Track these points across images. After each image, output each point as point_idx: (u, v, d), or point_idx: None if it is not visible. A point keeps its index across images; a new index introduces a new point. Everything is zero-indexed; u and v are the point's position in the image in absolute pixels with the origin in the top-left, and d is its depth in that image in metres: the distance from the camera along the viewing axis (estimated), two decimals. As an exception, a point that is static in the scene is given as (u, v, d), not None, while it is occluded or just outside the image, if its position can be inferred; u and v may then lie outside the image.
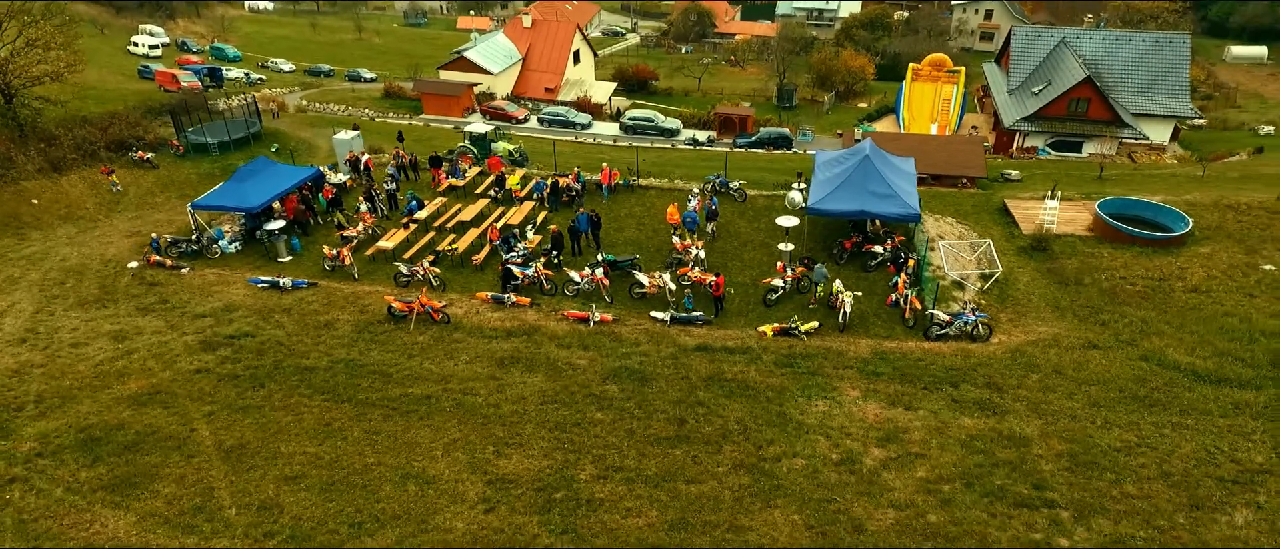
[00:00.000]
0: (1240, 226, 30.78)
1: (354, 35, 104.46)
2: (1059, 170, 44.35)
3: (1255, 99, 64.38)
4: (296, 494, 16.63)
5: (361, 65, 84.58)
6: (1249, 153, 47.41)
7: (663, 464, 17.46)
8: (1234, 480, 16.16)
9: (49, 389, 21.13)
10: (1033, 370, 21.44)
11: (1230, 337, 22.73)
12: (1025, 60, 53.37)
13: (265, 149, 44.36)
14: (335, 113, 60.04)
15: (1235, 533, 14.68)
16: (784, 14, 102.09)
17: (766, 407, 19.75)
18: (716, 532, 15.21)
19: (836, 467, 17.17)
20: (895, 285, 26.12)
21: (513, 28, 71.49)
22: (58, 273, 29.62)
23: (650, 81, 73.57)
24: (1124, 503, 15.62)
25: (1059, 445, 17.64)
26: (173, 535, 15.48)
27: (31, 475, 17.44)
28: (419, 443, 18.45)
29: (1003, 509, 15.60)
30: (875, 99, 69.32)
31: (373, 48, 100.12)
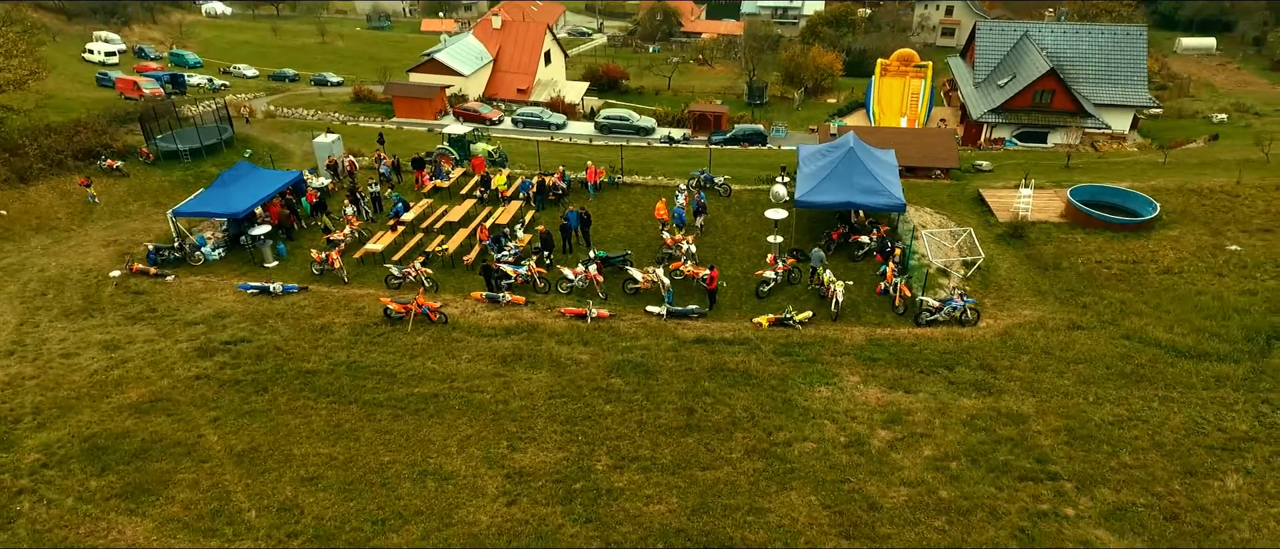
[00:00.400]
0: (1204, 210, 31.99)
1: (317, 40, 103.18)
2: (1027, 160, 45.58)
3: (1207, 88, 66.68)
4: (315, 495, 16.66)
5: (326, 69, 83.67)
6: (1205, 140, 49.16)
7: (676, 452, 17.80)
8: (1222, 448, 16.97)
9: (45, 400, 20.81)
10: (1022, 352, 22.18)
11: (1205, 314, 23.70)
12: (990, 54, 54.71)
13: (238, 155, 43.83)
14: (304, 118, 59.43)
15: (1228, 496, 15.44)
16: (749, 12, 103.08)
17: (771, 394, 20.19)
18: (737, 514, 15.59)
19: (846, 449, 17.67)
20: (884, 274, 26.76)
21: (482, 29, 71.29)
22: (37, 284, 29.06)
23: (621, 81, 73.89)
24: (1122, 473, 16.33)
25: (1056, 421, 18.34)
26: (194, 539, 15.43)
27: (39, 486, 17.22)
28: (432, 440, 18.56)
29: (1009, 483, 16.21)
30: (843, 95, 70.45)
31: (336, 52, 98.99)
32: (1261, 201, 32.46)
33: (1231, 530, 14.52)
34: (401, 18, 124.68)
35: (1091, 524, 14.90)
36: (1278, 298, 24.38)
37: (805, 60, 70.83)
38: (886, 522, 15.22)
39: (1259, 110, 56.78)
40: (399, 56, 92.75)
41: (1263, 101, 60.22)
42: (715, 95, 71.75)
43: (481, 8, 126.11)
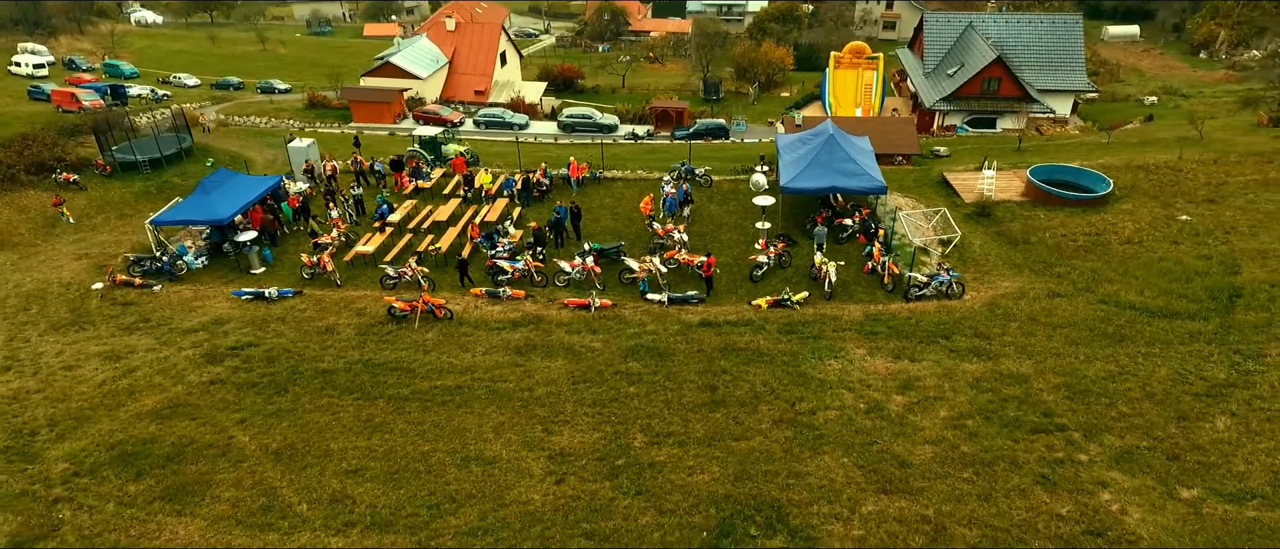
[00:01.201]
0: (1152, 185, 34.17)
1: (257, 47, 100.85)
2: (980, 145, 47.68)
3: (1135, 73, 70.42)
4: (362, 485, 16.93)
5: (271, 76, 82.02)
6: (1141, 121, 52.09)
7: (707, 426, 18.58)
8: (1207, 395, 18.53)
9: (58, 412, 20.50)
10: (1010, 319, 23.60)
11: (1170, 278, 25.52)
12: (938, 44, 56.93)
13: (198, 165, 43.16)
14: (258, 126, 58.42)
15: (1219, 436, 16.93)
16: (694, 10, 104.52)
17: (786, 369, 21.13)
18: (778, 479, 16.44)
19: (866, 414, 18.69)
20: (870, 254, 27.98)
21: (436, 32, 70.90)
22: (16, 299, 28.34)
23: (577, 80, 74.35)
24: (1123, 421, 17.71)
25: (1054, 379, 19.70)
26: (250, 535, 15.58)
27: (75, 494, 17.08)
28: (467, 429, 18.96)
29: (1022, 436, 17.44)
30: (795, 88, 72.23)
31: (279, 59, 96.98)
32: (1203, 175, 34.79)
33: (1228, 465, 15.97)
34: (341, 22, 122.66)
35: (1104, 467, 16.20)
36: (1231, 261, 26.35)
37: (757, 56, 72.35)
38: (918, 476, 16.26)
39: (1185, 92, 60.34)
40: (345, 62, 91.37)
41: (1187, 84, 63.97)
42: (670, 92, 72.78)
43: (424, 10, 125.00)
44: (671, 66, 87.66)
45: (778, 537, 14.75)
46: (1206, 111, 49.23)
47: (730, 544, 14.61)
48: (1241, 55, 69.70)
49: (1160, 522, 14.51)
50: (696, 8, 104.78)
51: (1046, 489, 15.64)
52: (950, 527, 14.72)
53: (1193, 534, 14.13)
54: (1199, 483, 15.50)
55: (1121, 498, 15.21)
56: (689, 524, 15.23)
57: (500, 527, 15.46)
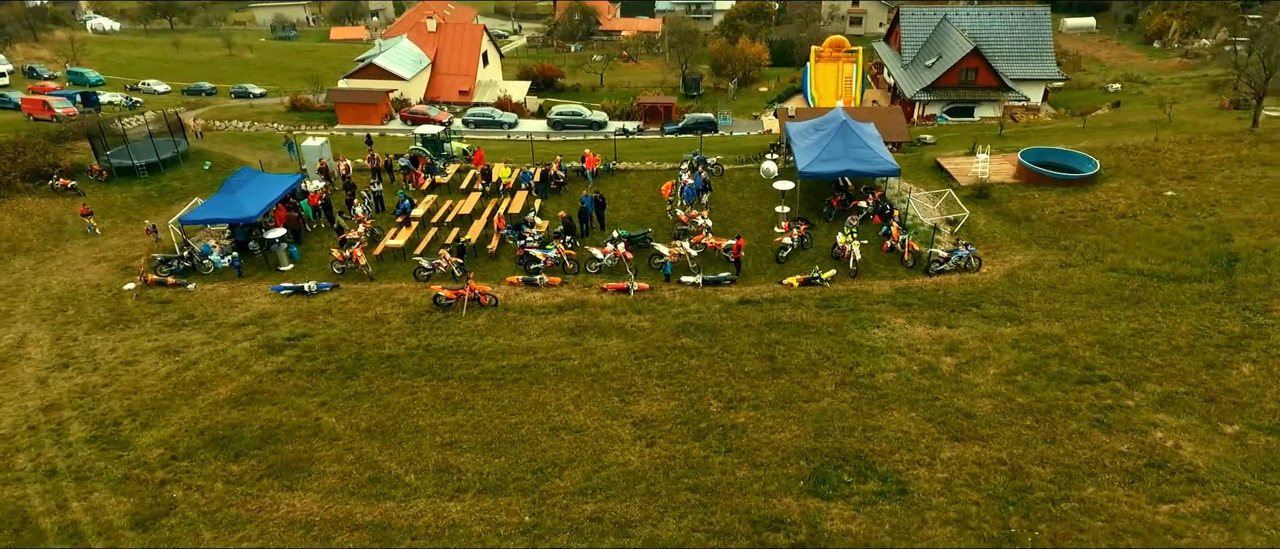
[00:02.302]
0: (1134, 164, 36.31)
1: (223, 52, 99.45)
2: (962, 133, 49.76)
3: (1095, 62, 73.67)
4: (462, 456, 17.72)
5: (241, 81, 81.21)
6: (1109, 106, 54.81)
7: (776, 391, 19.74)
8: (1228, 346, 20.28)
9: (134, 403, 20.83)
10: (1032, 288, 25.23)
11: (1170, 246, 27.44)
12: (914, 37, 59.05)
13: (195, 169, 43.20)
14: (241, 129, 58.12)
15: (1246, 380, 18.65)
16: (663, 9, 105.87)
17: (834, 338, 22.41)
18: (856, 433, 17.68)
19: (922, 375, 20.06)
20: (888, 233, 29.46)
21: (417, 32, 71.01)
22: (49, 301, 28.36)
23: (557, 79, 75.07)
24: (1158, 371, 19.36)
25: (1087, 338, 21.31)
26: (367, 504, 16.28)
27: (179, 476, 17.56)
28: (545, 403, 19.83)
29: (1070, 387, 18.96)
30: (772, 83, 73.96)
31: (247, 63, 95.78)
32: (1180, 154, 37.05)
33: (1260, 404, 17.67)
34: (306, 26, 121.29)
35: (1150, 411, 17.77)
36: (1222, 229, 28.39)
37: (734, 52, 73.90)
38: (984, 426, 17.64)
39: (1145, 79, 63.46)
40: (317, 65, 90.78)
41: (1146, 72, 67.22)
42: (649, 89, 73.91)
43: (389, 14, 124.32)
44: (646, 64, 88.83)
45: (870, 482, 15.97)
46: (1170, 97, 52.06)
47: (828, 490, 15.78)
48: (1192, 44, 73.40)
49: (1212, 453, 16.09)
50: (665, 6, 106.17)
51: (1103, 431, 17.14)
52: (1025, 466, 16.11)
53: (1243, 462, 15.73)
54: (1238, 420, 17.15)
55: (1173, 435, 16.78)
56: (784, 475, 16.37)
57: (606, 486, 16.41)
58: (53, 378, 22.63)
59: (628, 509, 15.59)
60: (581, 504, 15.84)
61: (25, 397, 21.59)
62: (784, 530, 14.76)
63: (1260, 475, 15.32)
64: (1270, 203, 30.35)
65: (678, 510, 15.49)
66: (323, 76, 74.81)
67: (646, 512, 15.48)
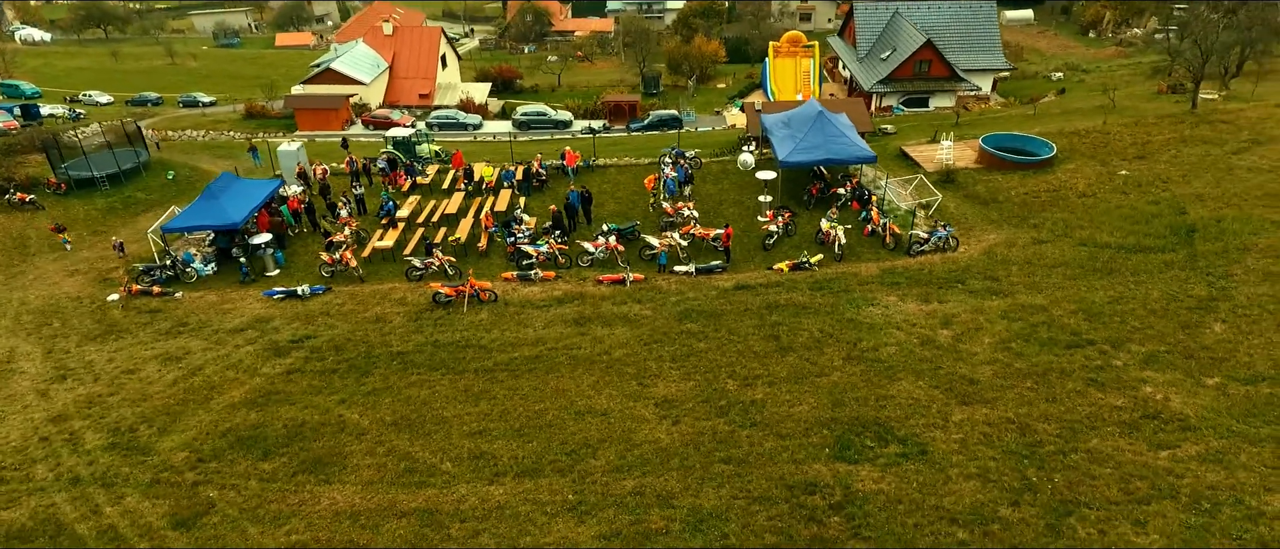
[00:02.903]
0: (1087, 147, 38.21)
1: (165, 61, 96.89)
2: (919, 122, 51.56)
3: (1036, 53, 76.75)
4: (494, 443, 18.13)
5: (187, 90, 79.48)
6: (1055, 94, 57.30)
7: (787, 368, 20.59)
8: (1198, 308, 21.82)
9: (146, 410, 20.69)
10: (1010, 264, 26.60)
11: (1131, 221, 29.15)
12: (869, 31, 60.86)
13: (158, 179, 42.53)
14: (195, 138, 57.06)
15: (1220, 338, 20.15)
16: (614, 9, 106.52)
17: (833, 317, 23.39)
18: (870, 402, 18.62)
19: (922, 347, 21.13)
20: (869, 218, 30.63)
21: (373, 36, 70.40)
22: (30, 316, 27.80)
23: (515, 80, 75.19)
24: (1138, 333, 20.75)
25: (1069, 306, 22.67)
26: (409, 493, 16.59)
27: (210, 477, 17.60)
28: (565, 390, 20.33)
29: (1061, 352, 20.22)
30: (729, 80, 75.25)
31: (192, 72, 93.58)
32: (1128, 136, 39.10)
33: (1235, 358, 19.14)
34: (249, 33, 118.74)
35: (1137, 369, 19.10)
36: (1177, 204, 30.23)
37: (690, 50, 74.98)
38: (988, 390, 18.75)
39: (1085, 67, 66.43)
40: (264, 72, 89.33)
41: (1085, 61, 70.32)
42: (607, 88, 74.54)
43: (335, 19, 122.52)
44: (601, 64, 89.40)
45: (891, 445, 16.90)
46: (1112, 83, 54.69)
47: (853, 454, 16.65)
48: (1125, 33, 76.98)
49: (1199, 403, 17.43)
50: (617, 6, 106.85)
51: (1098, 389, 18.39)
52: (1031, 423, 17.23)
53: (1227, 410, 17.09)
54: (1217, 373, 18.57)
55: (1161, 389, 18.10)
56: (809, 444, 17.19)
57: (641, 462, 17.02)
58: (53, 390, 22.29)
59: (666, 483, 16.22)
60: (621, 481, 16.42)
61: (28, 409, 21.25)
62: (819, 493, 15.57)
63: (1244, 420, 16.68)
64: (1217, 178, 32.37)
65: (714, 481, 16.18)
66: (275, 83, 73.57)
67: (685, 484, 16.14)
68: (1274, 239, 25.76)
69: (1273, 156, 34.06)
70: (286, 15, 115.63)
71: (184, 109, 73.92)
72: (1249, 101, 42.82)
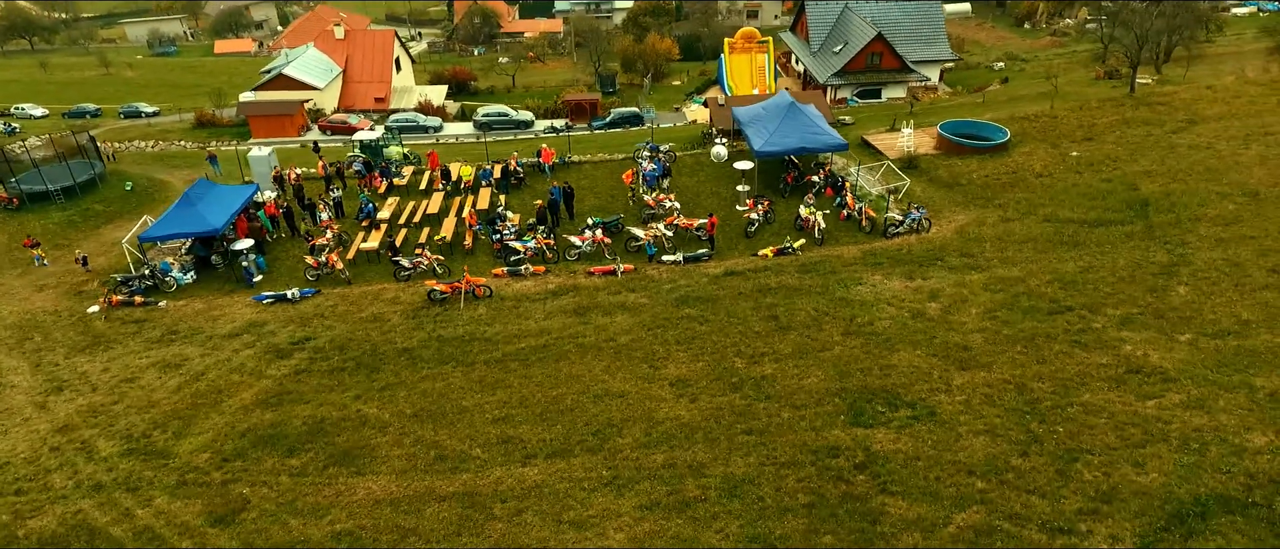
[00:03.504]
0: (1037, 131, 40.15)
1: (98, 71, 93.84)
2: (876, 113, 53.28)
3: (976, 44, 79.68)
4: (518, 428, 18.60)
5: (126, 100, 77.30)
6: (999, 82, 59.78)
7: (790, 345, 21.49)
8: (1162, 273, 23.45)
9: (155, 416, 20.58)
10: (982, 241, 28.02)
11: (1088, 197, 30.91)
12: (821, 25, 62.54)
13: (116, 191, 41.75)
14: (144, 149, 55.81)
15: (1185, 299, 21.74)
16: (562, 10, 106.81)
17: (825, 297, 24.42)
18: (873, 371, 19.63)
19: (914, 319, 22.28)
20: (844, 203, 31.82)
21: (325, 41, 69.49)
22: (6, 331, 27.28)
23: (470, 82, 75.05)
24: (1111, 298, 22.24)
25: (1044, 277, 24.11)
26: (445, 479, 16.96)
27: (238, 476, 17.69)
28: (578, 375, 20.89)
29: (1043, 318, 21.57)
30: (683, 77, 76.34)
31: (129, 82, 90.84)
32: (1074, 120, 41.17)
33: (1201, 317, 20.72)
34: (185, 41, 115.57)
35: (1115, 330, 20.53)
36: (1128, 180, 32.11)
37: (644, 48, 75.84)
38: (982, 355, 19.95)
39: (1024, 57, 69.33)
40: (205, 80, 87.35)
41: (1023, 51, 73.36)
42: (563, 88, 74.90)
43: (274, 25, 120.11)
44: (553, 64, 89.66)
45: (901, 410, 17.92)
46: (1052, 71, 57.31)
47: (867, 419, 17.63)
48: (1058, 24, 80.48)
49: (1176, 357, 18.88)
50: (565, 6, 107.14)
51: (1082, 349, 19.74)
52: (1027, 383, 18.45)
53: (1202, 362, 18.56)
54: (1187, 330, 20.10)
55: (1140, 347, 19.53)
56: (824, 412, 18.11)
57: (666, 438, 17.70)
58: (51, 401, 21.96)
59: (695, 454, 16.94)
60: (650, 455, 17.07)
61: (29, 422, 20.93)
62: (841, 455, 16.48)
63: (1218, 371, 18.16)
64: (1161, 156, 34.44)
65: (741, 450, 16.97)
66: (223, 91, 72.00)
67: (713, 454, 16.88)
68: (1220, 210, 27.70)
69: (1208, 134, 36.32)
70: (224, 22, 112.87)
71: (125, 120, 71.84)
72: (1181, 84, 45.44)
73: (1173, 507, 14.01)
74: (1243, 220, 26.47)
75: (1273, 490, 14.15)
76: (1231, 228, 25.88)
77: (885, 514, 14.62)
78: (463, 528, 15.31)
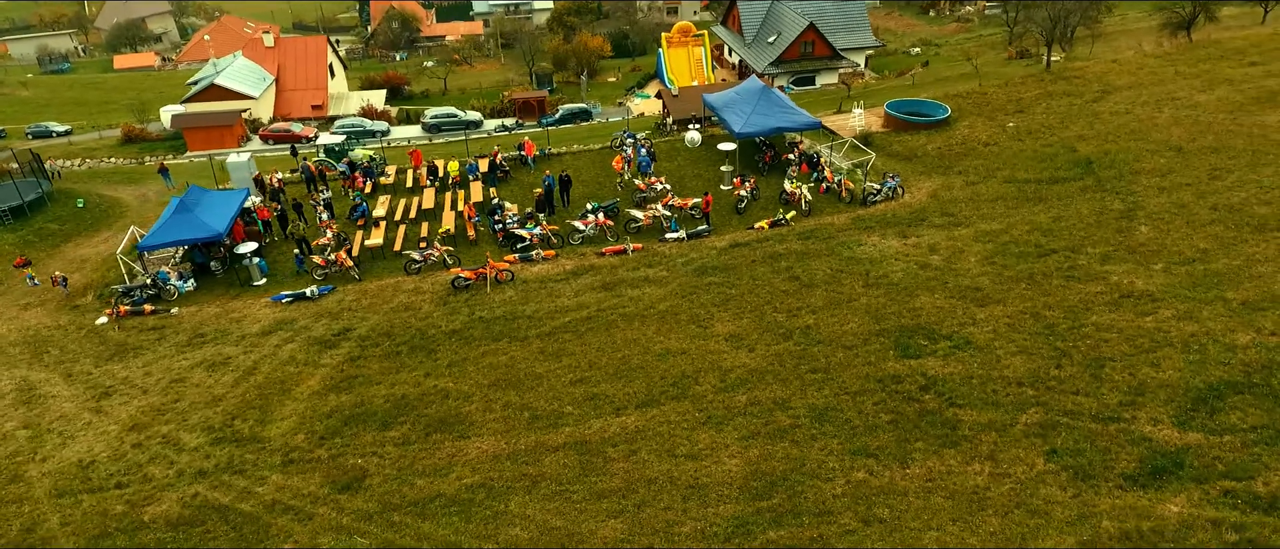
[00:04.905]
0: (972, 107, 43.81)
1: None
2: (812, 98, 56.49)
3: (888, 32, 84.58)
4: (599, 386, 20.00)
5: (30, 120, 73.47)
6: (920, 66, 64.15)
7: (820, 299, 23.62)
8: (1123, 217, 26.77)
9: (228, 408, 20.97)
10: (957, 202, 30.96)
11: (1038, 160, 34.38)
12: (753, 18, 65.56)
13: (65, 209, 40.81)
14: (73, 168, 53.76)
15: (1149, 238, 25.02)
16: (481, 12, 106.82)
17: (835, 258, 26.70)
18: (904, 314, 21.94)
19: (922, 270, 24.80)
20: (823, 177, 34.34)
21: (253, 49, 67.93)
22: (15, 349, 26.73)
23: (404, 87, 74.76)
24: (1087, 240, 25.32)
25: (1024, 228, 27.11)
26: (548, 432, 18.23)
27: (343, 450, 18.45)
28: (634, 340, 22.41)
29: (1035, 260, 24.44)
30: (616, 73, 78.15)
31: (25, 102, 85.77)
32: (1003, 95, 45.04)
33: (1165, 250, 23.97)
34: (77, 56, 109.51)
35: (1098, 264, 23.55)
36: (1067, 144, 35.75)
37: (575, 46, 77.25)
38: (994, 294, 22.58)
39: (936, 43, 74.32)
40: (108, 97, 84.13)
41: (933, 37, 78.52)
42: (496, 88, 75.53)
43: (174, 37, 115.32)
44: (481, 66, 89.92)
45: (940, 343, 20.28)
46: (967, 53, 62.06)
47: (914, 351, 19.91)
48: (961, 10, 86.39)
49: (1156, 282, 21.96)
50: (483, 9, 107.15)
51: (1077, 282, 22.64)
52: (1040, 312, 21.14)
53: (1178, 285, 21.69)
54: (1159, 261, 23.30)
55: (1124, 277, 22.55)
56: (873, 350, 20.29)
57: (742, 382, 19.50)
58: (105, 406, 21.96)
59: (773, 393, 18.81)
60: (733, 397, 18.84)
61: (92, 425, 20.95)
62: (904, 381, 18.68)
63: (1194, 290, 21.30)
64: (1088, 122, 38.36)
65: (813, 385, 18.94)
66: (147, 105, 69.38)
67: (790, 391, 18.79)
68: (1154, 164, 31.49)
69: (1124, 102, 40.62)
70: (119, 36, 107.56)
71: (34, 140, 68.25)
72: (1089, 60, 50.24)
73: (1193, 393, 16.79)
74: (1175, 171, 30.26)
75: (1266, 373, 17.14)
76: (1168, 178, 29.58)
77: (960, 422, 16.87)
78: (586, 470, 16.70)
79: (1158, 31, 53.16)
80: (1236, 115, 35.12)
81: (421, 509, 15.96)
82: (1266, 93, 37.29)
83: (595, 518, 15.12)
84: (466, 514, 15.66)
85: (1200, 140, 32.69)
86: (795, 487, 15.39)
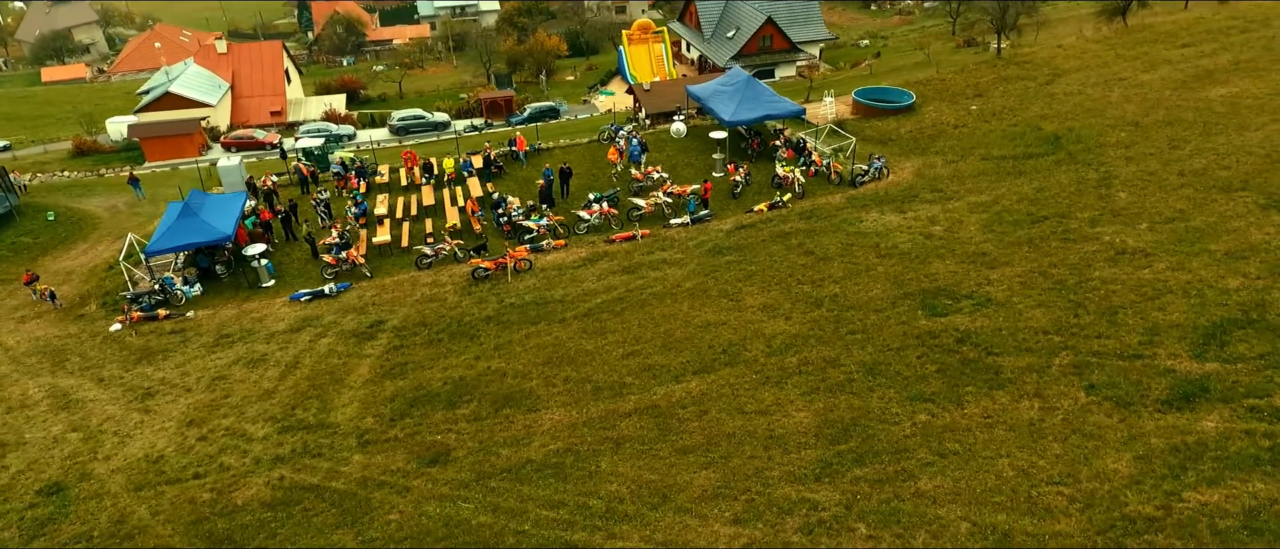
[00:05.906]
0: (934, 92, 46.19)
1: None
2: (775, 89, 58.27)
3: (834, 26, 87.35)
4: (652, 358, 21.00)
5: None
6: (873, 57, 66.76)
7: (838, 270, 25.10)
8: (1101, 184, 29.02)
9: (284, 399, 21.26)
10: (941, 179, 32.90)
11: (1008, 138, 36.68)
12: (710, 14, 67.16)
13: (36, 223, 39.99)
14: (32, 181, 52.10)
15: (1129, 202, 27.26)
16: (426, 15, 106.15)
17: (841, 233, 28.24)
18: (922, 280, 23.55)
19: (928, 240, 26.52)
20: (811, 161, 35.98)
21: (206, 56, 66.47)
22: (32, 359, 26.36)
23: (361, 90, 74.17)
24: (1073, 207, 27.41)
25: (1012, 198, 29.13)
26: (615, 401, 19.13)
27: (417, 429, 19.03)
28: (672, 315, 23.48)
29: (1030, 226, 26.40)
30: (573, 72, 78.92)
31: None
32: (961, 81, 47.58)
33: (1146, 212, 26.20)
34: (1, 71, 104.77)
35: (1088, 227, 25.62)
36: (1032, 123, 38.18)
37: (532, 46, 77.75)
38: (1000, 258, 24.39)
39: (883, 35, 77.24)
40: (39, 111, 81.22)
41: (879, 30, 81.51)
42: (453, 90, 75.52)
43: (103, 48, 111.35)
44: (433, 69, 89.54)
45: (962, 302, 21.94)
46: (921, 42, 64.91)
47: (940, 310, 21.51)
48: (902, 3, 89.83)
49: (1145, 239, 24.10)
50: (428, 11, 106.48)
51: (1074, 243, 24.63)
52: (1047, 270, 23.02)
53: (1165, 240, 23.86)
54: (1142, 221, 25.50)
55: (1115, 236, 24.65)
56: (903, 311, 21.82)
57: (788, 346, 20.77)
58: (152, 405, 21.98)
59: (822, 353, 20.14)
60: (784, 360, 20.09)
61: (144, 424, 21.00)
62: (940, 336, 20.23)
63: (1180, 245, 23.48)
64: (1046, 103, 40.95)
65: (857, 345, 20.33)
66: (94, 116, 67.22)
67: (836, 351, 20.14)
68: (1116, 137, 34.02)
69: (1075, 83, 43.41)
70: (45, 48, 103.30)
71: (-27, 156, 65.45)
72: (1035, 46, 53.31)
73: (1202, 331, 18.76)
74: (1137, 143, 32.81)
75: (1261, 311, 19.24)
76: (1133, 149, 32.08)
77: (1001, 368, 18.48)
78: (664, 431, 17.72)
79: (1095, 18, 56.62)
80: (1180, 92, 38.06)
81: (516, 474, 16.74)
82: (1203, 71, 40.45)
83: (687, 470, 16.15)
84: (561, 475, 16.51)
85: (1153, 115, 35.38)
86: (867, 431, 16.72)
